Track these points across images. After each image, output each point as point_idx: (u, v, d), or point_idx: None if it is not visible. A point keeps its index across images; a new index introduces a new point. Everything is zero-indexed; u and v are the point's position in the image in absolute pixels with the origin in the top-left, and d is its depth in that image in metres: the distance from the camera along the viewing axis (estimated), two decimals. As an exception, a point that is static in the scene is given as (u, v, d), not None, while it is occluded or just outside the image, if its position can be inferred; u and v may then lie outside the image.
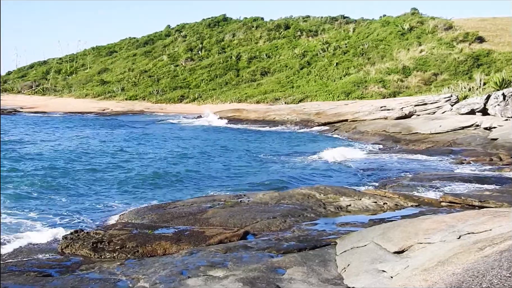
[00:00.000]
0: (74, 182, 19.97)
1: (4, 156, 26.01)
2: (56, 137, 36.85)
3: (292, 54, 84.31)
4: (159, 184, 19.93)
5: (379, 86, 62.69)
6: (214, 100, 72.38)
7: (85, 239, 11.42)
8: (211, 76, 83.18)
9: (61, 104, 76.17)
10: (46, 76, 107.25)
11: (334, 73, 72.25)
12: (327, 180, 20.79)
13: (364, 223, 12.56)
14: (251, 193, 16.49)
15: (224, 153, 29.13)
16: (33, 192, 17.92)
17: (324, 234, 11.50)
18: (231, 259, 9.33)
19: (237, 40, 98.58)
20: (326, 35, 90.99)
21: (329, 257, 9.36)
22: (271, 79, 77.26)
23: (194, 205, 14.62)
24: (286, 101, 63.84)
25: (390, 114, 43.75)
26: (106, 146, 31.93)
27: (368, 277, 7.78)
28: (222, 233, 11.68)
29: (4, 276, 9.00)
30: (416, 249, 8.26)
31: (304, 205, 14.53)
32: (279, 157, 27.45)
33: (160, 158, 26.78)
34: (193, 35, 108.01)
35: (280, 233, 11.95)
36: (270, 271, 8.59)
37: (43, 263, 10.01)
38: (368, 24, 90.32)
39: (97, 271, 9.34)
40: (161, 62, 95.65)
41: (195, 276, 8.48)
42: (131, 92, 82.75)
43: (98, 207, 15.94)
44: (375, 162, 25.36)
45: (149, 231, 11.97)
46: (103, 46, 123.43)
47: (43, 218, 14.46)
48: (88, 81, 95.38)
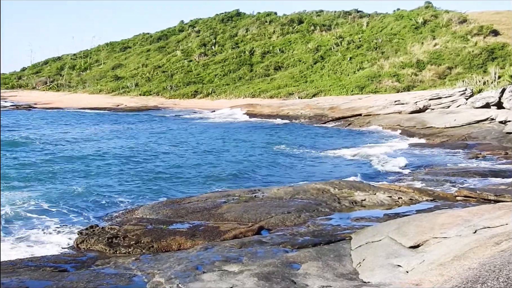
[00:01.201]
0: (89, 178, 20.05)
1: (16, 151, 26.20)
2: (72, 133, 37.00)
3: (306, 49, 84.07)
4: (173, 179, 19.95)
5: (393, 80, 62.39)
6: (228, 95, 72.35)
7: (100, 235, 11.46)
8: (224, 71, 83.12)
9: (75, 100, 76.43)
10: (60, 72, 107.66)
11: (348, 67, 71.96)
12: (342, 174, 20.72)
13: (379, 218, 12.52)
14: (266, 188, 16.48)
15: (238, 148, 29.12)
16: (46, 189, 18.00)
17: (338, 229, 11.48)
18: (246, 254, 9.33)
19: (251, 35, 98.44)
20: (340, 29, 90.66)
21: (344, 252, 9.33)
22: (284, 73, 77.10)
23: (209, 200, 14.62)
24: (299, 96, 63.70)
25: (404, 108, 43.55)
26: (122, 141, 32.01)
27: (383, 271, 7.75)
28: (237, 228, 11.68)
29: (20, 271, 9.04)
30: (432, 243, 8.22)
31: (318, 200, 14.51)
32: (293, 151, 27.41)
33: (175, 153, 26.82)
34: (206, 30, 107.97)
35: (294, 228, 11.93)
36: (285, 266, 8.58)
37: (59, 258, 10.05)
38: (382, 18, 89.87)
39: (112, 266, 9.37)
40: (175, 58, 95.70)
41: (210, 271, 8.48)
42: (145, 88, 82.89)
43: (113, 203, 15.99)
44: (389, 156, 25.25)
45: (164, 226, 11.98)
46: (117, 42, 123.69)
47: (58, 214, 14.52)
48: (102, 76, 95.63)
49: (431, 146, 28.20)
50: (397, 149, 27.82)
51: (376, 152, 26.66)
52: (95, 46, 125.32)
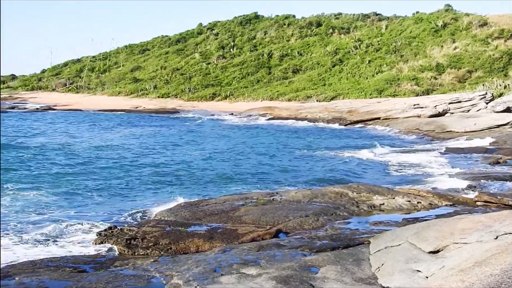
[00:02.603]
0: (108, 180, 20.14)
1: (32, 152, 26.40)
2: (90, 135, 37.23)
3: (324, 52, 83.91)
4: (191, 181, 19.98)
5: (412, 84, 62.06)
6: (246, 98, 72.35)
7: (119, 236, 11.50)
8: (242, 74, 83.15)
9: (94, 102, 76.84)
10: (79, 74, 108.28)
11: (367, 70, 71.69)
12: (361, 177, 20.64)
13: (398, 222, 12.44)
14: (284, 191, 16.46)
15: (257, 150, 29.10)
16: (67, 190, 18.11)
17: (357, 233, 11.42)
18: (264, 257, 9.31)
19: (269, 38, 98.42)
20: (358, 32, 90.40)
21: (363, 256, 9.28)
22: (302, 76, 76.99)
23: (227, 203, 14.62)
24: (318, 99, 63.58)
25: (424, 112, 43.33)
26: (140, 143, 32.15)
27: (403, 277, 7.69)
28: (255, 231, 11.66)
29: (40, 271, 9.09)
30: (452, 249, 8.14)
31: (336, 204, 14.45)
32: (311, 154, 27.36)
33: (194, 155, 26.88)
34: (225, 33, 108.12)
35: (313, 231, 11.89)
36: (303, 269, 8.55)
37: (78, 259, 10.09)
38: (401, 21, 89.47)
39: (131, 267, 9.39)
40: (193, 60, 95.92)
41: (228, 273, 8.47)
42: (163, 90, 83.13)
43: (131, 204, 16.04)
44: (409, 160, 25.11)
45: (182, 228, 11.99)
46: (135, 44, 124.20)
47: (77, 215, 14.60)
48: (121, 79, 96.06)
49: (450, 150, 27.97)
50: (416, 152, 27.62)
51: (395, 155, 26.52)
52: (114, 49, 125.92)
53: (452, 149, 28.56)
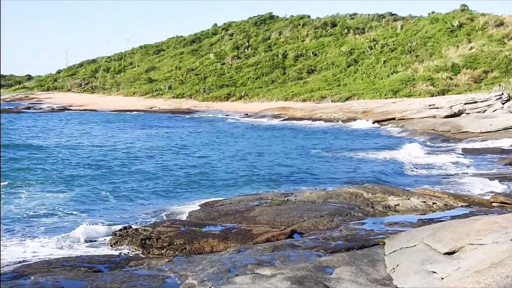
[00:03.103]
0: (122, 180, 20.21)
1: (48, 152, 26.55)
2: (105, 135, 37.39)
3: (339, 52, 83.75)
4: (206, 182, 20.00)
5: (427, 84, 61.77)
6: (260, 98, 72.34)
7: (133, 236, 11.54)
8: (257, 74, 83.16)
9: (109, 102, 77.16)
10: (95, 74, 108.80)
11: (382, 71, 71.46)
12: (377, 178, 20.54)
13: (413, 223, 12.38)
14: (298, 191, 16.43)
15: (271, 150, 29.08)
16: (82, 190, 18.19)
17: (372, 233, 11.38)
18: (278, 258, 9.30)
19: (284, 38, 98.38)
20: (373, 32, 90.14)
21: (378, 257, 9.24)
22: (317, 77, 76.88)
23: (241, 203, 14.62)
24: (332, 99, 63.46)
25: (439, 112, 43.10)
26: (155, 143, 32.25)
27: (418, 278, 7.66)
28: (269, 231, 11.65)
29: (56, 270, 9.14)
30: (468, 250, 8.09)
31: (351, 204, 14.41)
32: (326, 155, 27.30)
33: (208, 156, 26.92)
34: (239, 34, 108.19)
35: (327, 232, 11.86)
36: (318, 270, 8.53)
37: (93, 259, 10.13)
38: (416, 21, 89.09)
39: (145, 267, 9.42)
40: (208, 61, 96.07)
41: (243, 274, 8.47)
42: (178, 90, 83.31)
43: (146, 204, 16.08)
44: (425, 160, 25.00)
45: (197, 228, 12.00)
46: (150, 45, 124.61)
47: (92, 215, 14.67)
48: (136, 79, 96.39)
49: (466, 152, 27.81)
50: (431, 153, 27.48)
51: (410, 156, 26.40)
52: (129, 49, 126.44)
53: (468, 150, 28.40)
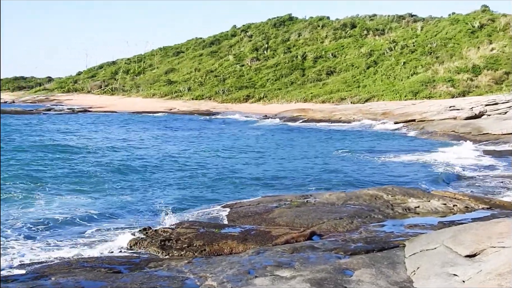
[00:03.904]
0: (142, 182, 20.27)
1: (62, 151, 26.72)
2: (123, 137, 37.56)
3: (358, 53, 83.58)
4: (225, 183, 19.98)
5: (447, 86, 61.46)
6: (280, 99, 72.38)
7: (153, 237, 11.56)
8: (276, 76, 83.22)
9: (129, 104, 77.60)
10: (114, 76, 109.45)
11: (401, 72, 71.21)
12: (397, 179, 20.43)
13: (433, 225, 12.30)
14: (318, 193, 16.38)
15: (290, 152, 29.05)
16: (101, 191, 18.27)
17: (392, 235, 11.32)
18: (298, 260, 9.27)
19: (303, 40, 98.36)
20: (393, 33, 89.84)
21: (398, 259, 9.19)
22: (337, 78, 76.80)
23: (260, 205, 14.62)
24: (352, 101, 63.36)
25: (459, 114, 42.81)
26: (174, 145, 32.34)
27: (439, 280, 7.60)
28: (289, 233, 11.62)
29: (76, 271, 9.18)
30: (489, 253, 8.01)
31: (371, 206, 14.35)
32: (345, 156, 27.20)
33: (228, 157, 26.93)
34: (258, 35, 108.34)
35: (347, 234, 11.82)
36: (337, 272, 8.49)
37: (113, 260, 10.16)
38: (437, 22, 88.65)
39: (165, 268, 9.42)
40: (227, 62, 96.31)
41: (262, 275, 8.45)
42: (197, 92, 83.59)
43: (166, 205, 16.09)
44: (446, 162, 24.82)
45: (216, 230, 12.00)
46: (170, 47, 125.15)
47: (111, 216, 14.71)
48: (156, 81, 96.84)
49: (487, 153, 27.60)
50: (455, 155, 27.27)
51: (432, 157, 26.23)
52: (148, 51, 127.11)
53: (490, 151, 28.19)
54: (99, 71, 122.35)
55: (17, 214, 14.46)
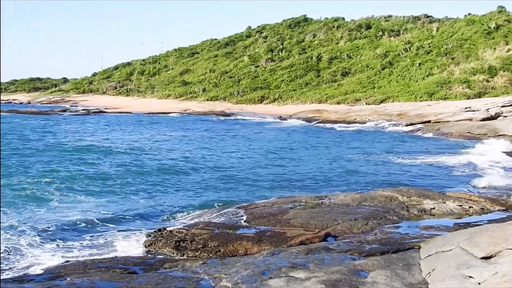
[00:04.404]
0: (157, 182, 20.33)
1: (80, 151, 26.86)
2: (139, 137, 37.70)
3: (374, 54, 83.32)
4: (240, 184, 20.00)
5: (463, 87, 61.09)
6: (294, 100, 72.30)
7: (168, 238, 11.59)
8: (291, 77, 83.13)
9: (144, 105, 77.84)
10: (130, 77, 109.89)
11: (417, 73, 70.88)
12: (412, 181, 20.35)
13: (449, 227, 12.25)
14: (332, 194, 16.34)
15: (305, 153, 28.99)
16: (117, 191, 18.35)
17: (407, 237, 11.28)
18: (312, 261, 9.26)
19: (318, 41, 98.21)
20: (409, 34, 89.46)
21: (413, 261, 9.15)
22: (352, 79, 76.59)
23: (275, 206, 14.61)
24: (367, 102, 63.16)
25: (475, 115, 42.58)
26: (189, 146, 32.41)
27: (454, 282, 7.57)
28: (303, 234, 11.61)
29: (91, 272, 9.22)
30: (505, 255, 7.97)
31: (386, 208, 14.30)
32: (360, 157, 27.13)
33: (242, 158, 26.95)
34: (273, 36, 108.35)
35: (362, 235, 11.78)
36: (352, 273, 8.48)
37: (128, 260, 10.20)
38: (452, 23, 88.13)
39: (180, 269, 9.44)
40: (242, 63, 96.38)
41: (277, 276, 8.45)
42: (212, 93, 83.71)
43: (181, 206, 16.14)
44: (462, 163, 24.70)
45: (231, 231, 12.02)
46: (185, 48, 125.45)
47: (127, 217, 14.77)
48: (170, 82, 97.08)
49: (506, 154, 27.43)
50: (472, 156, 27.12)
51: (448, 158, 26.11)
52: (163, 52, 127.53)
53: (507, 152, 28.02)
54: (114, 72, 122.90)
55: (33, 215, 14.56)
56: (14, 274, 9.94)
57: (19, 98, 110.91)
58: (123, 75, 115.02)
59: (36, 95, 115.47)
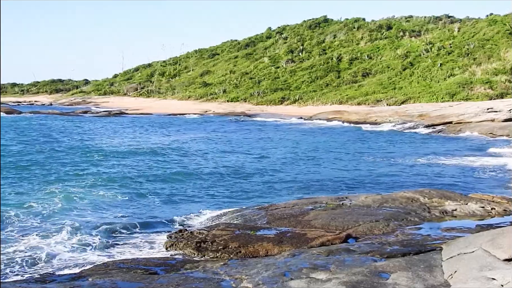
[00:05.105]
0: (177, 182, 20.39)
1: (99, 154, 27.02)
2: (160, 138, 37.85)
3: (394, 55, 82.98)
4: (260, 185, 20.01)
5: (485, 87, 60.64)
6: (315, 101, 72.20)
7: (189, 239, 11.62)
8: (311, 78, 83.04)
9: (164, 106, 78.17)
10: (150, 78, 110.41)
11: (438, 74, 70.46)
12: (434, 182, 20.22)
13: (471, 229, 12.14)
14: (353, 195, 16.28)
15: (326, 154, 28.93)
16: (137, 192, 18.43)
17: (428, 239, 11.21)
18: (333, 262, 9.23)
19: (338, 41, 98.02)
20: (430, 35, 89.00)
21: (435, 262, 9.09)
22: (372, 80, 76.33)
23: (296, 207, 14.58)
24: (388, 103, 62.89)
25: (497, 116, 42.22)
26: (210, 147, 32.48)
27: (477, 284, 7.51)
28: (324, 235, 11.58)
29: (113, 272, 9.27)
30: (529, 257, 7.89)
31: (407, 209, 14.22)
32: (381, 159, 27.02)
33: (263, 159, 26.95)
34: (293, 37, 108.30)
35: (383, 236, 11.73)
36: (373, 275, 8.44)
37: (149, 261, 10.23)
38: (474, 23, 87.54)
39: (201, 270, 9.45)
40: (262, 64, 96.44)
41: (298, 278, 8.43)
42: (233, 94, 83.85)
43: (201, 207, 16.17)
44: (483, 164, 24.51)
45: (251, 232, 12.01)
46: (205, 49, 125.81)
47: (148, 218, 14.83)
48: (191, 83, 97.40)
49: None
50: (494, 157, 26.90)
51: (470, 159, 25.92)
52: (184, 53, 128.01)
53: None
54: (135, 73, 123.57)
55: (53, 215, 14.65)
56: (36, 274, 10.03)
57: (41, 99, 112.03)
58: (143, 76, 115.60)
59: (57, 96, 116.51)
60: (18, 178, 20.43)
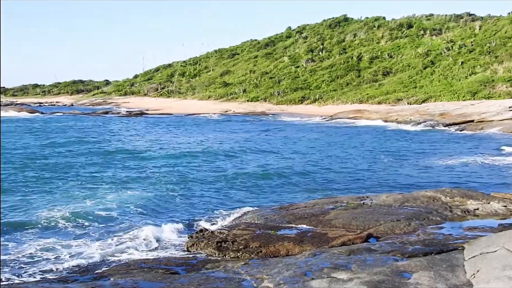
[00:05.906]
0: (198, 182, 20.44)
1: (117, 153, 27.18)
2: (180, 139, 37.97)
3: (415, 54, 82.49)
4: (281, 185, 20.01)
5: (507, 86, 60.05)
6: (335, 101, 71.99)
7: (209, 238, 11.65)
8: (332, 77, 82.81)
9: (185, 106, 78.37)
10: (170, 78, 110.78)
11: (459, 72, 69.91)
12: (456, 182, 20.07)
13: (493, 228, 12.05)
14: (374, 195, 16.23)
15: (347, 154, 28.84)
16: (158, 192, 18.49)
17: (450, 238, 11.14)
18: (354, 262, 9.20)
19: (358, 40, 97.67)
20: (451, 33, 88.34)
21: (457, 262, 9.02)
22: (393, 79, 75.94)
23: (316, 207, 14.56)
24: (408, 102, 62.53)
25: (520, 114, 41.86)
26: (230, 146, 32.50)
27: (499, 284, 7.45)
28: (345, 235, 11.56)
29: (134, 272, 9.33)
30: (552, 256, 7.83)
31: (429, 208, 14.14)
32: (403, 158, 26.88)
33: (283, 158, 26.93)
34: (313, 36, 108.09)
35: (404, 236, 11.68)
36: (395, 275, 8.40)
37: (170, 261, 10.28)
38: (496, 21, 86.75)
39: (222, 270, 9.48)
40: (282, 64, 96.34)
41: (319, 277, 8.42)
42: (253, 94, 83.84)
43: (222, 207, 16.21)
44: (506, 163, 24.30)
45: (272, 231, 12.02)
46: (225, 49, 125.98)
47: (169, 217, 14.90)
48: (211, 83, 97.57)
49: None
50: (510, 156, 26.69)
51: (492, 158, 25.71)
52: (204, 53, 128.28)
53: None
54: (155, 74, 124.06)
55: (76, 215, 14.75)
56: (58, 273, 10.11)
57: (62, 100, 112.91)
58: (164, 76, 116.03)
59: (78, 97, 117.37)
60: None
